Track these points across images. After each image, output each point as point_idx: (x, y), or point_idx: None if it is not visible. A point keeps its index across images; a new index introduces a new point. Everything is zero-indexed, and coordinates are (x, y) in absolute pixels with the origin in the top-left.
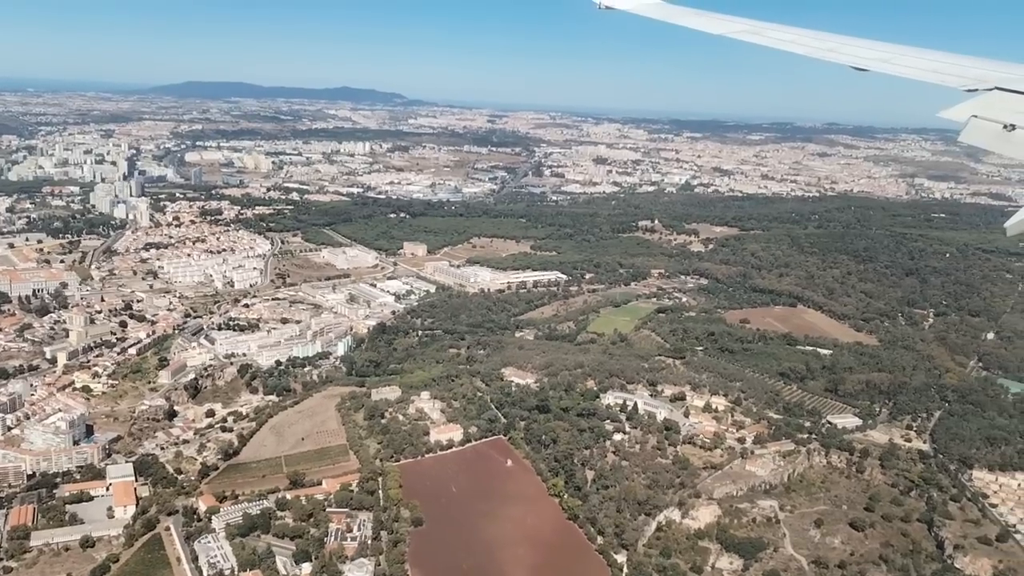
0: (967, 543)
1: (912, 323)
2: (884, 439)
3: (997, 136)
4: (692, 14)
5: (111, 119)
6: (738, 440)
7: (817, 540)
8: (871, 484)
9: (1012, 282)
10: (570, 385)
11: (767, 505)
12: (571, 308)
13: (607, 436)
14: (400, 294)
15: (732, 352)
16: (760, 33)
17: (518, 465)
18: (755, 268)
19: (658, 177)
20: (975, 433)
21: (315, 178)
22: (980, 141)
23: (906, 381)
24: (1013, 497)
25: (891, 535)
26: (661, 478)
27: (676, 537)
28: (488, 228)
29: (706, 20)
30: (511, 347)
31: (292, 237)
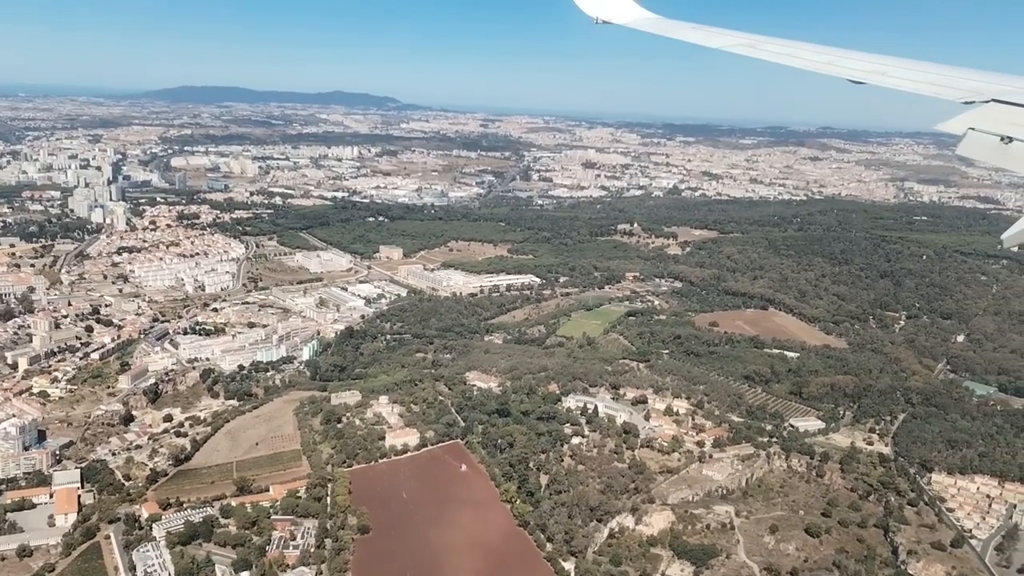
0: (920, 549)
1: (882, 326)
2: (846, 442)
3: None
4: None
5: (100, 124)
6: (697, 444)
7: (771, 547)
8: (830, 489)
9: (986, 284)
10: (532, 389)
11: (723, 511)
12: (543, 312)
13: (565, 440)
14: (371, 298)
15: (698, 355)
16: (756, 47)
17: (473, 470)
18: (730, 271)
19: (646, 181)
20: (937, 436)
21: (301, 182)
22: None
23: (871, 384)
24: (971, 501)
25: (847, 541)
26: (616, 483)
27: (628, 544)
28: (467, 232)
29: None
30: (477, 351)
31: (268, 241)
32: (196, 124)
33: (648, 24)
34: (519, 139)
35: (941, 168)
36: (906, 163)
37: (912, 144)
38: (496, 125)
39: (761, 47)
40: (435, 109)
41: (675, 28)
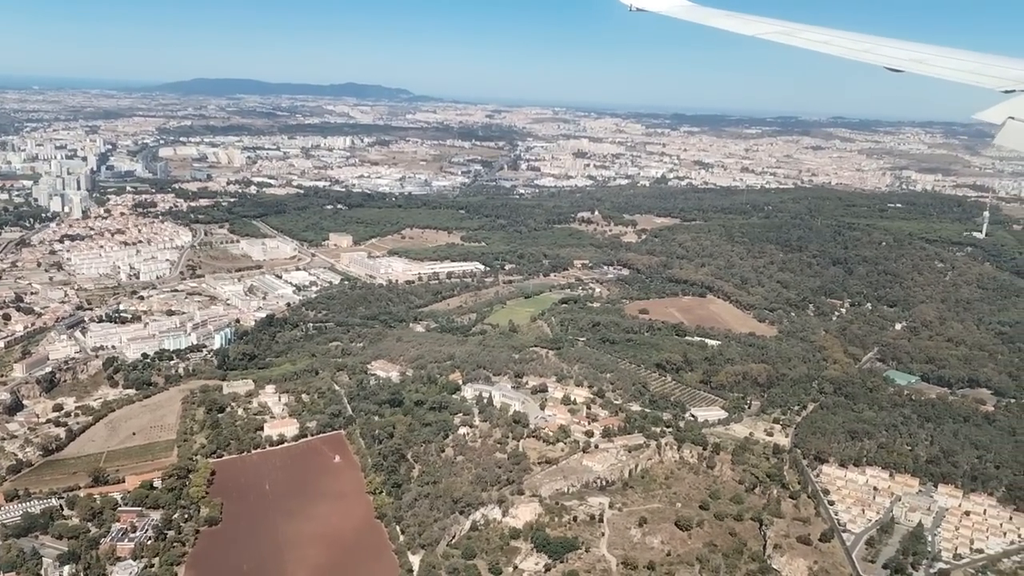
0: (787, 543)
1: (820, 313)
2: (746, 433)
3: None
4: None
5: (104, 116)
6: (586, 434)
7: (636, 540)
8: (718, 480)
9: (941, 272)
10: (432, 378)
11: (597, 502)
12: (480, 299)
13: (452, 430)
14: (302, 285)
15: (613, 343)
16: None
17: (347, 461)
18: (679, 258)
19: (635, 171)
20: (839, 427)
21: (285, 172)
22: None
23: (786, 373)
24: (854, 494)
25: (718, 534)
26: (489, 474)
27: (489, 536)
28: (423, 219)
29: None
30: (390, 339)
31: (219, 229)
32: (200, 116)
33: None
34: (523, 129)
35: (944, 157)
36: (909, 152)
37: (920, 133)
38: (502, 116)
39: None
40: (446, 100)
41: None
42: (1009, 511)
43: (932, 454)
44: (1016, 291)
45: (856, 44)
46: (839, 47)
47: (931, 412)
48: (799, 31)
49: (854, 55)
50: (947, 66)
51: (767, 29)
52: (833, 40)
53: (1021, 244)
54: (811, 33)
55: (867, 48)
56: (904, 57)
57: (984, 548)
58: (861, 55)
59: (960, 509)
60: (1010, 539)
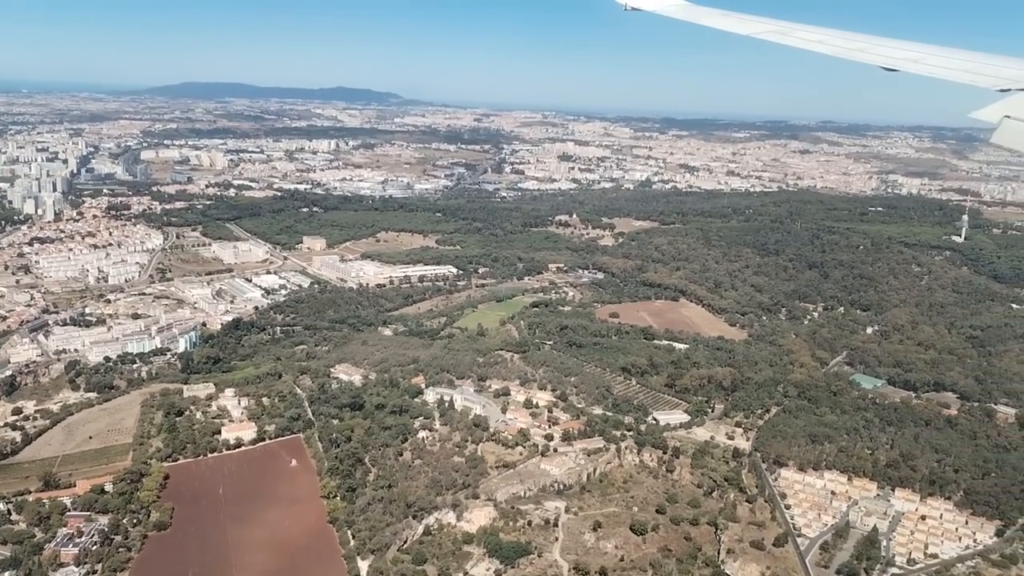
0: (740, 548)
1: (792, 317)
2: (707, 436)
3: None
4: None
5: (90, 119)
6: (545, 437)
7: (590, 545)
8: (677, 484)
9: (918, 276)
10: (394, 381)
11: (552, 506)
12: (451, 303)
13: (411, 434)
14: (271, 289)
15: (580, 346)
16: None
17: (303, 465)
18: (654, 261)
19: (620, 174)
20: (800, 431)
21: (267, 175)
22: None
23: (751, 377)
24: (811, 498)
25: (673, 539)
26: (445, 478)
27: (442, 541)
28: (399, 222)
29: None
30: (356, 343)
31: (191, 232)
32: (186, 119)
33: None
34: (511, 133)
35: (931, 161)
36: (896, 156)
37: (908, 137)
38: (491, 120)
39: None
40: (436, 105)
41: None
42: (965, 515)
43: (892, 458)
44: (991, 295)
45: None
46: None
47: (893, 416)
48: (794, 30)
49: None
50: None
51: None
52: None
53: (1000, 248)
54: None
55: (862, 47)
56: (899, 56)
57: (939, 553)
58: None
59: (917, 513)
60: (965, 544)
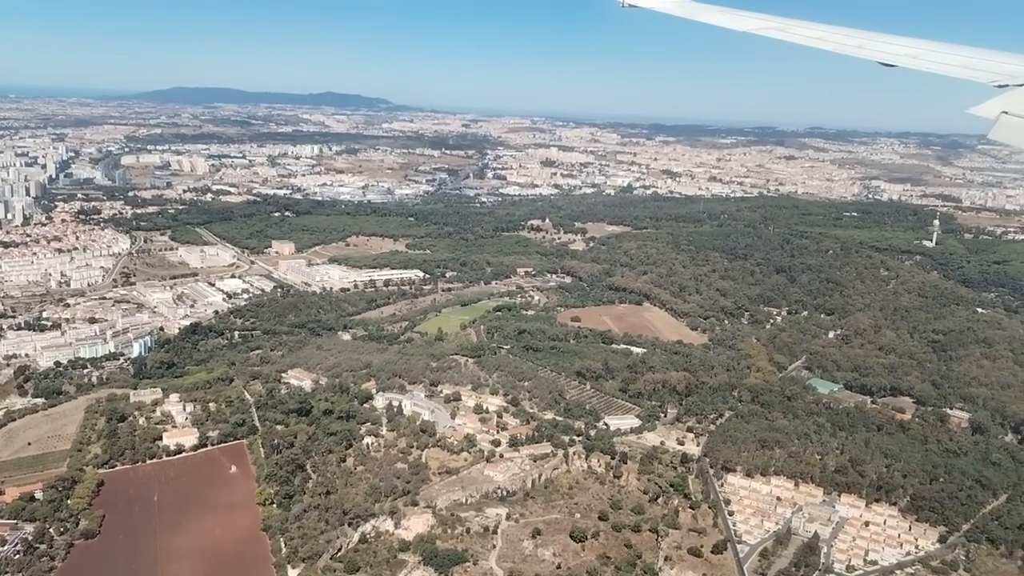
0: (678, 555)
1: (755, 321)
2: (657, 441)
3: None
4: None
5: (75, 123)
6: (492, 443)
7: (528, 552)
8: (624, 490)
9: (885, 280)
10: (344, 386)
11: (494, 513)
12: (416, 307)
13: (356, 439)
14: (233, 293)
15: (537, 351)
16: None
17: (243, 471)
18: (623, 266)
19: (602, 179)
20: (751, 436)
21: (247, 180)
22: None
23: (705, 381)
24: (756, 504)
25: (613, 546)
26: (386, 485)
27: (378, 549)
28: (371, 227)
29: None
30: (311, 348)
31: (160, 236)
32: (172, 124)
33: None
34: (498, 139)
35: (915, 167)
36: (881, 162)
37: (895, 144)
38: (479, 125)
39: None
40: (426, 110)
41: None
42: (910, 521)
43: (840, 463)
44: (956, 299)
45: (850, 40)
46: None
47: (845, 421)
48: (793, 27)
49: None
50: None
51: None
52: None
53: (970, 253)
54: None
55: (861, 43)
56: (898, 52)
57: (879, 559)
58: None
59: (861, 519)
60: (906, 550)
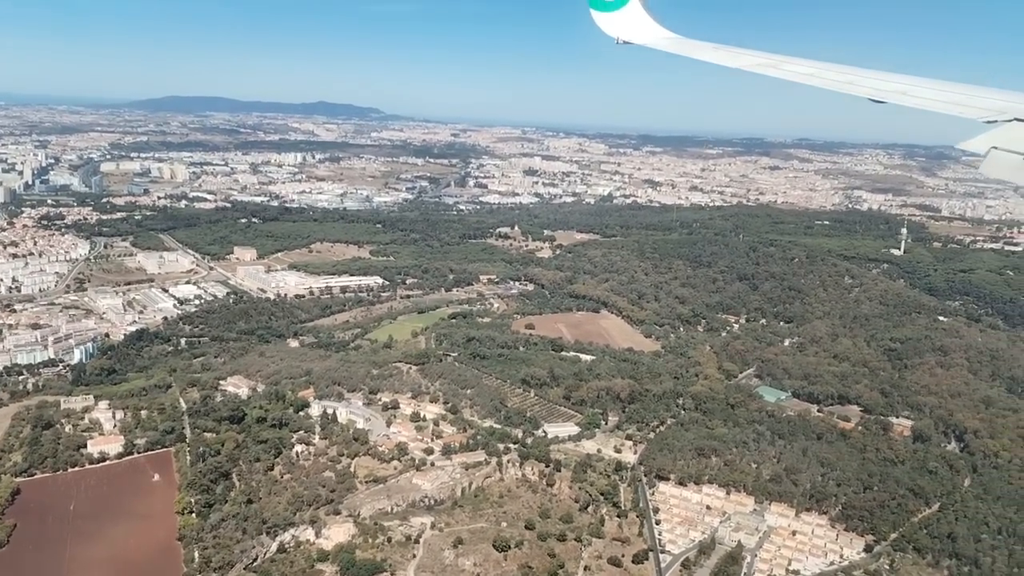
0: (597, 564)
1: (711, 329)
2: (594, 449)
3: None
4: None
5: (61, 131)
6: (425, 451)
7: (448, 562)
8: (556, 499)
9: (848, 288)
10: (281, 394)
11: (418, 522)
12: (372, 314)
13: (287, 448)
14: (185, 299)
15: (484, 358)
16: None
17: (167, 480)
18: (586, 273)
19: (583, 188)
20: (688, 444)
21: (226, 187)
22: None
23: (650, 389)
24: (684, 513)
25: (536, 555)
26: (310, 493)
27: (295, 559)
28: (336, 233)
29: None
30: (254, 354)
31: (121, 242)
32: (160, 132)
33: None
34: (486, 148)
35: (898, 177)
36: (865, 172)
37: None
38: (468, 135)
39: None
40: (417, 120)
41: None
42: (838, 531)
43: (775, 472)
44: (918, 308)
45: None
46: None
47: (786, 429)
48: (784, 63)
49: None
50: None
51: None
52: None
53: (937, 261)
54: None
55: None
56: (888, 89)
57: (801, 569)
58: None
59: (789, 529)
60: (831, 559)
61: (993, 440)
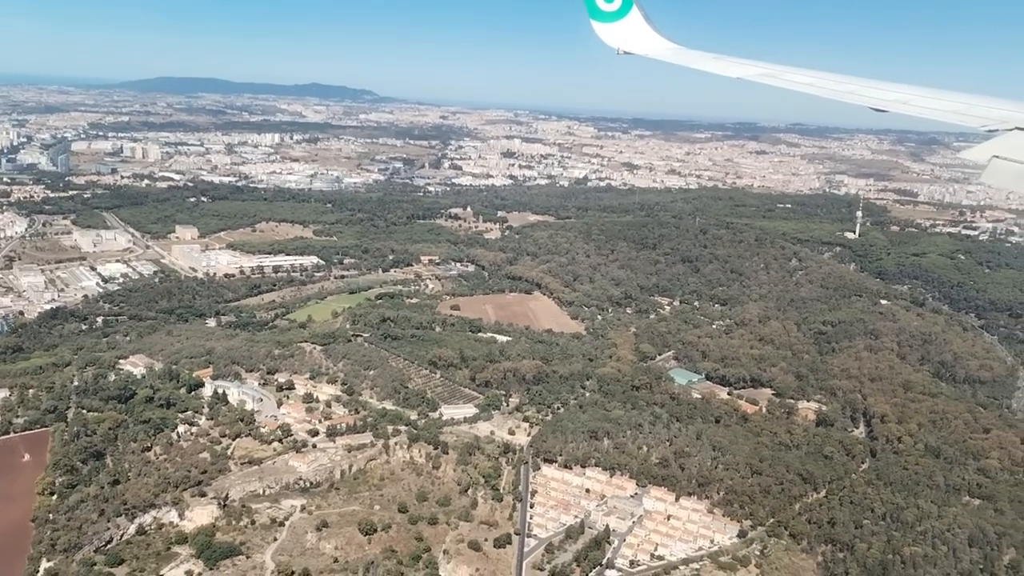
0: (457, 548)
1: (640, 311)
2: (488, 431)
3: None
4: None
5: (44, 110)
6: (309, 432)
7: (310, 545)
8: (439, 481)
9: (791, 271)
10: (176, 373)
11: (288, 505)
12: (301, 294)
13: (171, 428)
14: (111, 277)
15: (396, 339)
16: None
17: (39, 460)
18: (528, 254)
19: (559, 171)
20: (583, 426)
21: (196, 167)
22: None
23: (557, 370)
24: (561, 496)
25: (403, 539)
26: (179, 475)
27: (154, 541)
28: (284, 213)
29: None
30: (161, 333)
31: (63, 220)
32: (145, 112)
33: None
34: (473, 130)
35: (884, 162)
36: (852, 157)
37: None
38: (457, 117)
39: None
40: (410, 102)
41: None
42: (714, 515)
43: (664, 455)
44: (859, 291)
45: (841, 86)
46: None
47: (685, 412)
48: (784, 73)
49: (840, 96)
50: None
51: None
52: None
53: (891, 245)
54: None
55: (852, 90)
56: (889, 98)
57: (666, 555)
58: (846, 96)
59: (664, 513)
60: (700, 544)
61: (900, 425)
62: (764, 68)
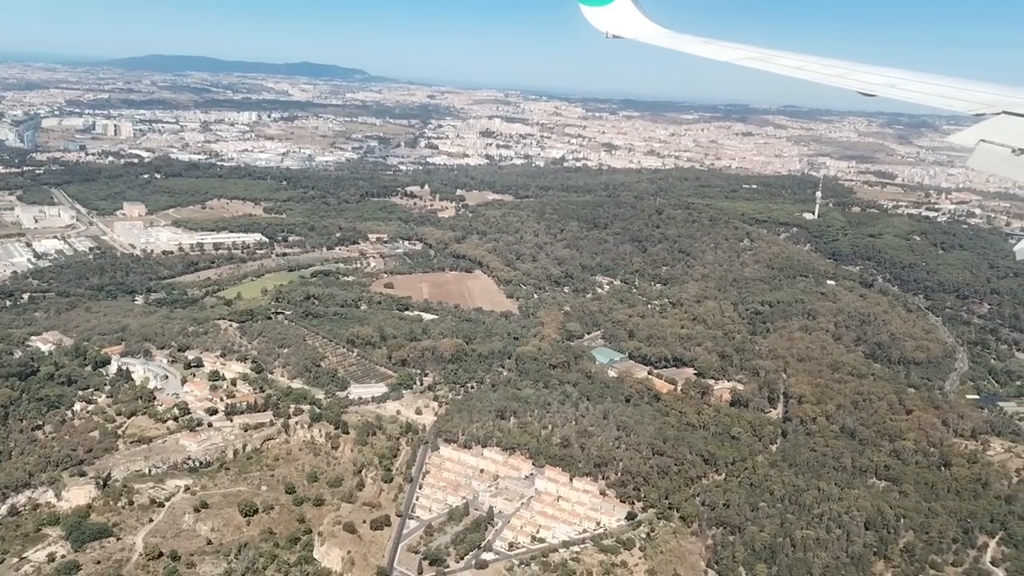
0: (331, 531)
1: (578, 290)
2: (395, 411)
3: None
4: (698, 42)
5: (24, 87)
6: (208, 411)
7: (186, 526)
8: (336, 461)
9: (740, 251)
10: (82, 350)
11: (172, 485)
12: (240, 272)
13: (67, 405)
14: (44, 254)
15: (317, 316)
16: (767, 60)
17: None
18: (477, 233)
19: (536, 151)
20: (491, 405)
21: (167, 144)
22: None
23: (476, 349)
24: (451, 478)
25: (284, 521)
26: (61, 453)
27: (24, 522)
28: (236, 190)
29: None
30: (80, 310)
31: (8, 196)
32: (128, 89)
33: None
34: (460, 110)
35: (870, 145)
36: (838, 139)
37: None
38: (445, 97)
39: (772, 61)
40: (401, 82)
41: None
42: (605, 497)
43: (566, 435)
44: (805, 271)
45: (830, 69)
46: (813, 73)
47: (597, 391)
48: (773, 57)
49: (828, 80)
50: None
51: (742, 55)
52: (807, 65)
53: (849, 226)
54: (785, 59)
55: (840, 73)
56: (877, 82)
57: (548, 537)
58: (835, 80)
59: (555, 495)
60: (584, 527)
61: (818, 406)
62: (753, 52)
